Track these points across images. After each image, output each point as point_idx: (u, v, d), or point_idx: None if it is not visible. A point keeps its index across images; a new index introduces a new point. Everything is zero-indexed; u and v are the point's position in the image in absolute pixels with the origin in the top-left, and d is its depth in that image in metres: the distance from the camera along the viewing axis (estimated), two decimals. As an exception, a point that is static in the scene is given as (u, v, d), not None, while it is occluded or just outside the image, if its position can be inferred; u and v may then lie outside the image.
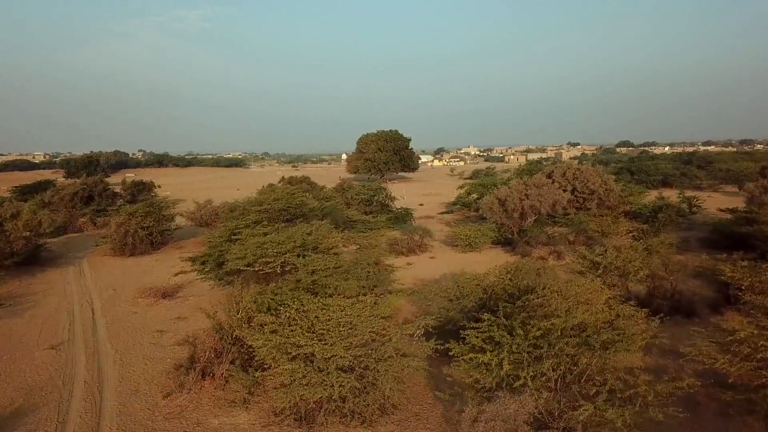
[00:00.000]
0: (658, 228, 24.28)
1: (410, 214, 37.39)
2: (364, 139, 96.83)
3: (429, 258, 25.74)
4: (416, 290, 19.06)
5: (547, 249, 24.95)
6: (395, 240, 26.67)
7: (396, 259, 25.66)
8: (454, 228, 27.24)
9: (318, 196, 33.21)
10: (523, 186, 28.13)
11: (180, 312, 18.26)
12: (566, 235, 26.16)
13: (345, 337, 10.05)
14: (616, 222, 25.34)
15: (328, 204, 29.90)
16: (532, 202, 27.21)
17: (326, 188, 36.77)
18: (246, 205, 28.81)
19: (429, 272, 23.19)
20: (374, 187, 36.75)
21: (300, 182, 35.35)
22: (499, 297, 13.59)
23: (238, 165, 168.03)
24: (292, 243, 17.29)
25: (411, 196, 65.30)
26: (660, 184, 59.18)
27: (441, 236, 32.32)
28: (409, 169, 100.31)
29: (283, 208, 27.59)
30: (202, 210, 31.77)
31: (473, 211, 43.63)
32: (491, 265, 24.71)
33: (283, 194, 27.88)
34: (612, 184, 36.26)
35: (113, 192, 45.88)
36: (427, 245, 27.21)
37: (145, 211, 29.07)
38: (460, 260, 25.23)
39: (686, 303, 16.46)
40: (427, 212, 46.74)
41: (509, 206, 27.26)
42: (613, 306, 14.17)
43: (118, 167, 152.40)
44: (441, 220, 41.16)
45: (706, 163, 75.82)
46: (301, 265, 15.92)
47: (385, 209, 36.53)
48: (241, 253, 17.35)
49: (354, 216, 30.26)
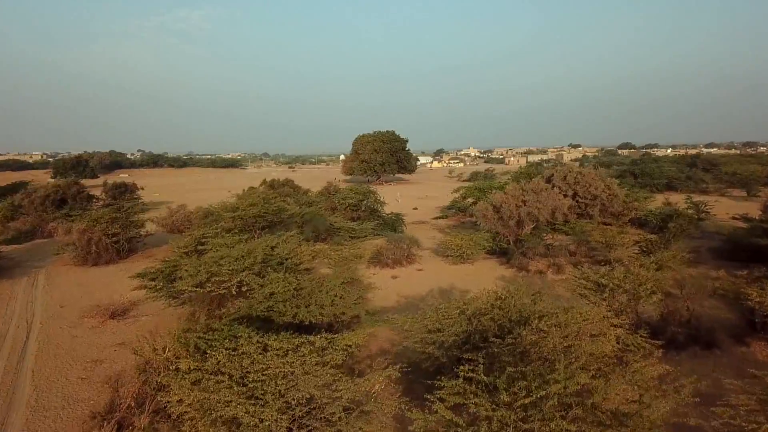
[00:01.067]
0: (669, 239, 22.03)
1: (401, 220, 35.14)
2: (360, 139, 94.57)
3: (416, 270, 23.48)
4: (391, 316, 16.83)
5: (545, 261, 22.69)
6: (380, 250, 24.41)
7: (381, 271, 23.44)
8: (445, 237, 24.98)
9: (300, 201, 31.00)
10: (520, 191, 25.89)
11: (126, 336, 15.99)
12: (567, 245, 23.89)
13: (282, 395, 7.81)
14: (622, 232, 23.05)
15: (310, 210, 27.68)
16: (530, 209, 24.97)
17: (311, 192, 34.55)
18: (220, 211, 26.63)
19: (415, 287, 20.95)
20: (362, 190, 34.54)
21: (282, 186, 33.09)
22: (487, 329, 11.36)
23: (234, 166, 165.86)
24: (251, 259, 15.04)
25: (406, 199, 63.06)
26: (664, 188, 56.96)
27: (432, 244, 30.05)
28: (407, 170, 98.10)
29: (259, 215, 25.38)
30: (174, 216, 29.50)
31: (469, 216, 41.40)
32: (483, 280, 22.69)
33: (259, 200, 25.66)
34: (616, 188, 34.00)
35: (88, 195, 43.59)
36: (415, 256, 24.95)
37: (111, 217, 26.82)
38: (451, 273, 22.98)
39: (705, 331, 14.20)
40: (420, 216, 44.49)
41: (505, 213, 25.02)
42: (621, 337, 12.00)
43: (112, 168, 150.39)
44: (434, 225, 38.88)
45: (710, 166, 73.63)
46: (258, 286, 13.68)
47: (374, 215, 34.29)
48: (193, 269, 15.09)
49: (338, 223, 28.03)
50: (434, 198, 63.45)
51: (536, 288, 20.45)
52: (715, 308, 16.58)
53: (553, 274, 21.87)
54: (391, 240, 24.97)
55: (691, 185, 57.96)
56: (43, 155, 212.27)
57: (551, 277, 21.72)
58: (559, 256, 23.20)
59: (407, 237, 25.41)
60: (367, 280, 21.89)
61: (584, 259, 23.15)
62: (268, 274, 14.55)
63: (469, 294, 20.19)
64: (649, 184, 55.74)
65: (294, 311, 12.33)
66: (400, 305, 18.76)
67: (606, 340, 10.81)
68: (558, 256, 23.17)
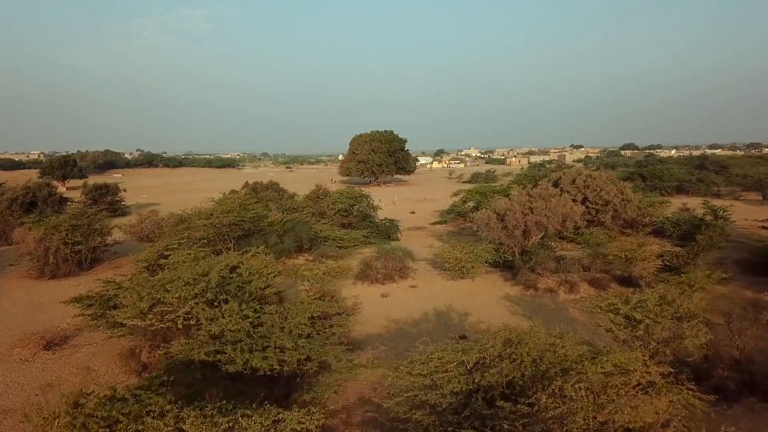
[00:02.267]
0: (697, 253, 19.29)
1: (396, 227, 32.41)
2: (357, 139, 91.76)
3: (410, 287, 20.76)
4: (378, 346, 14.18)
5: (556, 278, 19.96)
6: (369, 262, 21.69)
7: (369, 287, 20.72)
8: (442, 247, 22.27)
9: (284, 207, 28.27)
10: (527, 197, 23.18)
11: (56, 373, 13.33)
12: (580, 259, 21.16)
13: None
14: (642, 244, 20.32)
15: (293, 217, 24.98)
16: (538, 218, 22.27)
17: (297, 196, 31.76)
18: (193, 218, 23.94)
19: (408, 308, 18.26)
20: (354, 194, 31.83)
21: (266, 189, 30.24)
22: (494, 386, 8.67)
23: (230, 166, 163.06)
24: (204, 283, 12.33)
25: (403, 201, 60.32)
26: (674, 191, 54.22)
27: (429, 253, 27.34)
28: (405, 171, 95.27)
29: (234, 223, 22.66)
30: (144, 222, 26.78)
31: (469, 221, 38.68)
32: (486, 299, 19.91)
33: (234, 206, 22.94)
34: (629, 193, 31.35)
35: (61, 197, 40.83)
36: (409, 269, 22.23)
37: (72, 224, 24.08)
38: (448, 290, 20.29)
39: (763, 376, 11.48)
40: (417, 221, 41.75)
41: (510, 222, 22.32)
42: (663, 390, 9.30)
43: (106, 167, 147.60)
44: (432, 232, 36.16)
45: (720, 168, 70.98)
46: (206, 320, 10.99)
47: (366, 220, 31.57)
48: (134, 296, 12.38)
49: (324, 231, 25.31)
50: (433, 201, 60.70)
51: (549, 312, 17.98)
52: (765, 339, 13.89)
53: (565, 293, 19.16)
54: (382, 252, 22.24)
55: (702, 188, 55.24)
56: (41, 154, 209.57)
57: (563, 297, 19.01)
58: (571, 271, 20.47)
59: (400, 249, 22.67)
60: (353, 298, 19.29)
61: (599, 275, 20.42)
62: (225, 303, 11.87)
63: (469, 318, 17.58)
64: (659, 187, 53.01)
65: (246, 357, 9.61)
66: (389, 332, 16.05)
67: (652, 407, 8.14)
68: (570, 271, 20.45)
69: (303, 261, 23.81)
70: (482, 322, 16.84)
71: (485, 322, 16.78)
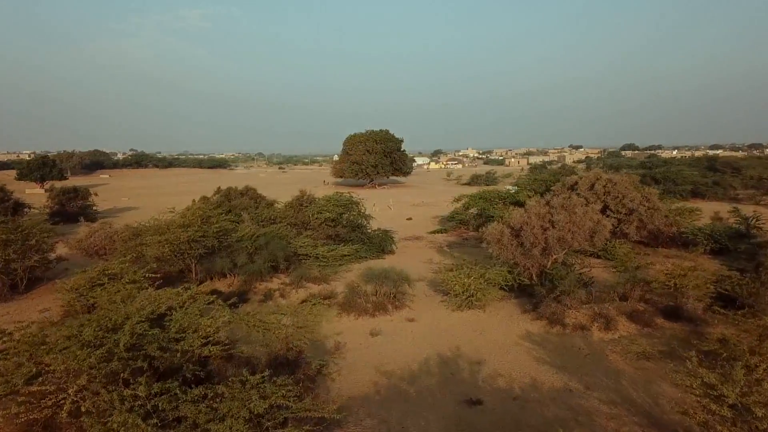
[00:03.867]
0: (765, 280, 15.48)
1: (390, 238, 28.55)
2: (351, 139, 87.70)
3: (406, 320, 16.89)
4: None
5: (587, 311, 16.11)
6: (357, 287, 17.84)
7: (356, 321, 16.86)
8: (445, 272, 18.42)
9: (259, 217, 24.34)
10: (546, 209, 19.33)
11: None
12: (615, 287, 17.29)
13: None
14: (695, 268, 16.46)
15: (266, 231, 21.10)
16: (561, 233, 18.43)
17: (278, 203, 27.73)
18: (148, 234, 20.06)
19: (403, 352, 14.41)
20: (344, 201, 27.94)
21: (241, 195, 26.19)
22: None
23: (222, 166, 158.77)
24: (110, 344, 8.46)
25: (399, 205, 56.41)
26: (689, 195, 50.52)
27: (428, 270, 23.52)
28: (402, 172, 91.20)
29: (195, 239, 18.78)
30: (93, 236, 22.81)
31: (472, 230, 34.85)
32: (501, 339, 15.77)
33: (195, 219, 19.06)
34: (656, 200, 27.62)
35: (17, 203, 36.75)
36: (405, 296, 18.39)
37: (3, 240, 20.13)
38: (454, 325, 16.45)
39: None
40: (414, 229, 37.88)
41: (527, 238, 18.47)
42: None
43: (93, 168, 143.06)
44: (431, 242, 32.31)
45: (732, 170, 67.42)
46: (95, 421, 7.14)
47: (357, 231, 27.69)
48: (11, 363, 8.59)
49: (305, 247, 21.40)
50: (431, 205, 56.84)
51: (583, 358, 14.15)
52: None
53: (600, 331, 15.32)
54: (373, 275, 18.40)
55: (719, 192, 51.57)
56: (32, 154, 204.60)
57: (598, 336, 15.17)
58: (605, 300, 16.66)
59: (394, 271, 18.77)
60: (335, 337, 15.45)
61: (640, 305, 16.59)
62: (141, 373, 8.06)
63: (482, 368, 13.75)
64: (673, 191, 49.26)
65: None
66: (378, 392, 12.17)
67: None
68: (604, 300, 16.63)
69: (278, 285, 19.91)
70: (500, 374, 13.02)
71: (504, 375, 12.98)
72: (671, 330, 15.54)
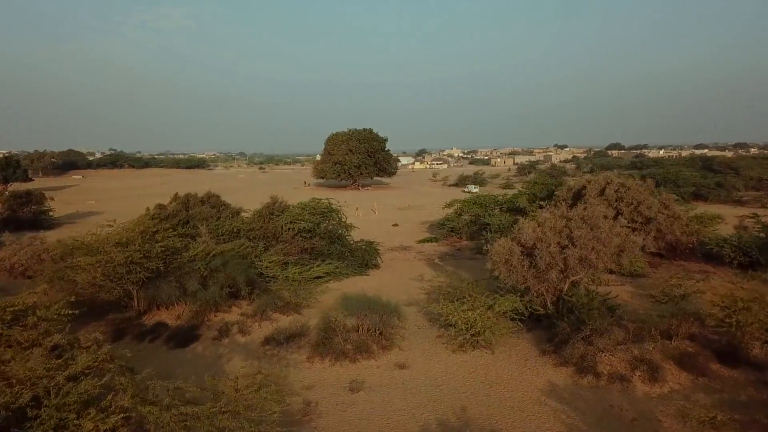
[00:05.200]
0: None
1: (375, 251, 25.06)
2: (333, 138, 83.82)
3: (396, 367, 13.36)
4: None
5: (625, 354, 12.71)
6: (334, 322, 14.27)
7: (331, 368, 13.30)
8: (443, 302, 14.89)
9: (220, 230, 20.63)
10: (563, 222, 15.93)
11: None
12: (656, 322, 13.89)
13: None
14: (757, 299, 13.12)
15: (226, 248, 17.43)
16: (584, 252, 15.03)
17: (244, 213, 23.83)
18: (81, 253, 16.27)
19: (393, 418, 10.91)
20: (320, 207, 24.33)
21: (201, 203, 22.24)
22: None
23: (200, 166, 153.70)
24: None
25: (384, 209, 52.79)
26: (690, 197, 47.70)
27: (419, 291, 20.09)
28: (386, 173, 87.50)
29: (135, 261, 15.05)
30: (18, 254, 18.94)
31: (466, 239, 31.46)
32: (519, 394, 12.11)
33: (136, 235, 15.34)
34: (675, 207, 24.48)
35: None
36: (393, 332, 14.87)
37: None
38: (457, 373, 12.97)
39: None
40: (401, 237, 34.39)
41: (543, 259, 15.04)
42: None
43: (66, 168, 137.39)
44: (421, 254, 28.84)
45: (730, 170, 65.05)
46: None
47: (337, 243, 24.11)
48: None
49: (271, 267, 17.75)
50: (419, 208, 53.42)
51: (629, 424, 10.74)
52: None
53: (644, 383, 11.94)
54: (354, 304, 14.88)
55: (723, 194, 48.82)
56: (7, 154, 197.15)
57: (643, 390, 11.79)
58: (643, 337, 13.29)
59: (380, 304, 15.16)
60: (304, 392, 11.91)
61: (689, 346, 13.25)
62: None
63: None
64: (674, 193, 46.34)
65: None
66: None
67: None
68: (642, 338, 13.26)
69: (237, 316, 16.22)
70: (525, 457, 9.58)
71: (531, 458, 9.53)
72: (732, 379, 12.24)
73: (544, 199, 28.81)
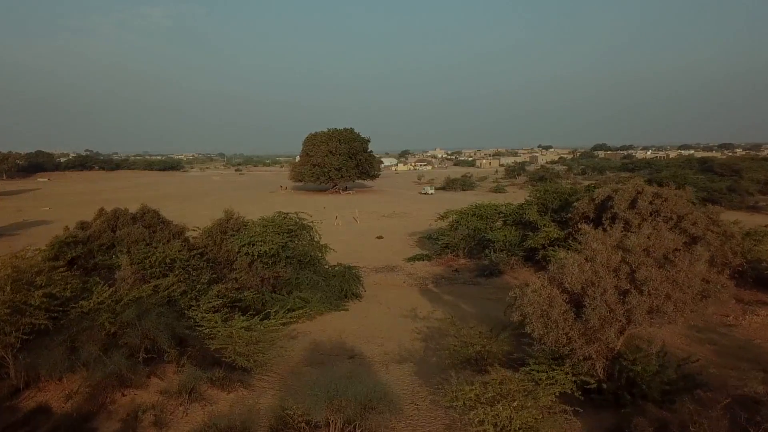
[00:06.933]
0: None
1: (357, 277, 20.26)
2: (311, 139, 78.51)
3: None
4: None
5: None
6: (291, 417, 9.37)
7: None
8: (463, 396, 9.95)
9: (156, 259, 15.55)
10: (619, 255, 11.23)
11: None
12: (762, 397, 9.28)
13: None
14: None
15: (146, 290, 12.41)
16: (655, 300, 10.37)
17: (190, 231, 18.69)
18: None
19: None
20: (288, 225, 19.40)
21: (133, 221, 16.77)
22: None
23: (174, 168, 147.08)
24: None
25: (367, 217, 47.76)
26: (700, 202, 43.69)
27: (414, 337, 15.36)
28: (369, 176, 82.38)
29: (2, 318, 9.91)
30: None
31: (463, 256, 26.73)
32: None
33: (6, 280, 10.21)
34: (726, 223, 20.08)
35: None
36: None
37: None
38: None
39: None
40: (387, 253, 29.56)
41: (595, 311, 10.33)
42: None
43: (32, 170, 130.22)
44: (411, 276, 24.09)
45: (732, 173, 61.47)
46: None
47: (309, 268, 19.20)
48: None
49: (207, 318, 12.69)
50: (405, 215, 48.59)
51: None
52: None
53: None
54: (323, 371, 10.01)
55: (736, 199, 44.89)
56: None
57: None
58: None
59: (375, 388, 10.13)
60: None
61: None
62: None
63: None
64: (684, 199, 42.35)
65: None
66: None
67: None
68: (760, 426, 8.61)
69: (155, 394, 11.16)
70: None
71: None
72: None
73: (557, 211, 24.18)
